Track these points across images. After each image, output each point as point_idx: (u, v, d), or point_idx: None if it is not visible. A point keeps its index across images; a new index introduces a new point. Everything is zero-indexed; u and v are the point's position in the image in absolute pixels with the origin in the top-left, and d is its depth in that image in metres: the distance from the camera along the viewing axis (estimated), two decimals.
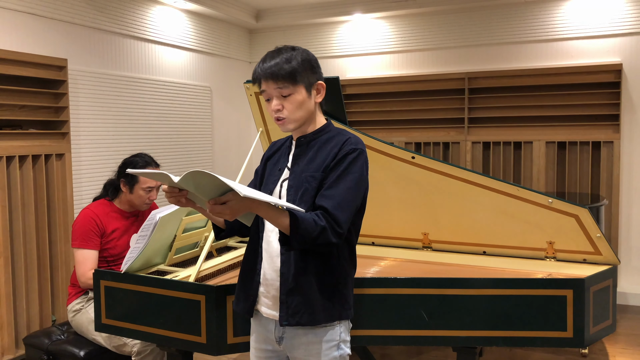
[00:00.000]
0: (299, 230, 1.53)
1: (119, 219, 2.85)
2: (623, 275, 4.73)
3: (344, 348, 1.73)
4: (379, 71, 5.54)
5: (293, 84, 1.64)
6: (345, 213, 1.59)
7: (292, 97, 1.65)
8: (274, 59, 1.64)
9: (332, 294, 1.68)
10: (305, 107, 1.68)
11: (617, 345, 3.82)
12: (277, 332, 1.73)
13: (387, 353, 3.70)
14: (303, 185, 1.65)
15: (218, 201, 1.49)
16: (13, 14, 3.57)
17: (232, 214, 1.51)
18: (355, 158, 1.64)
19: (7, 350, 3.37)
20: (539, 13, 4.91)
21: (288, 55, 1.64)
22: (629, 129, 4.68)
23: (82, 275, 2.71)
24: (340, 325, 1.72)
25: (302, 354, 1.71)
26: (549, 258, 2.70)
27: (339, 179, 1.62)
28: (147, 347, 2.59)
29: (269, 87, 1.65)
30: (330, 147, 1.67)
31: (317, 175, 1.64)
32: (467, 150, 5.09)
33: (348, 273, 1.73)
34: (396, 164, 2.80)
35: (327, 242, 1.56)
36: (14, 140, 3.42)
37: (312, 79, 1.68)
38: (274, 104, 1.66)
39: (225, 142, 5.66)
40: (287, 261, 1.66)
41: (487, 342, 2.26)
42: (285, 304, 1.66)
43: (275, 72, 1.62)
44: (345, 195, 1.60)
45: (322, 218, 1.56)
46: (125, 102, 4.42)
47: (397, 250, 3.00)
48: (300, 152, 1.72)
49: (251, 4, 5.49)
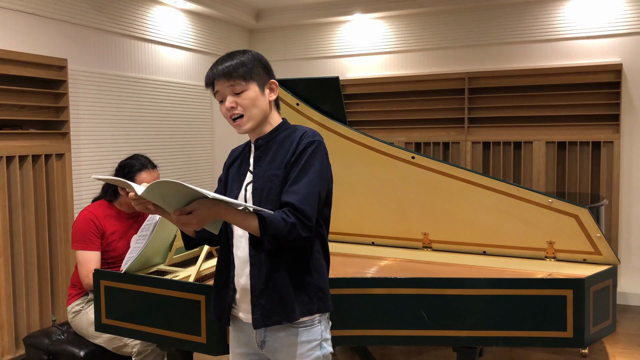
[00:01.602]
0: (268, 231, 1.53)
1: (118, 220, 2.82)
2: (623, 275, 4.73)
3: (326, 347, 1.73)
4: (379, 71, 5.54)
5: (246, 81, 1.65)
6: (312, 205, 1.60)
7: (245, 94, 1.65)
8: (226, 61, 1.66)
9: (308, 287, 1.68)
10: (260, 104, 1.68)
11: (617, 345, 3.82)
12: (258, 336, 1.73)
13: (387, 353, 3.70)
14: (267, 185, 1.66)
15: (184, 211, 1.49)
16: (13, 14, 3.57)
17: (199, 223, 1.52)
18: (314, 150, 1.65)
19: (7, 350, 3.37)
20: (539, 13, 4.91)
21: (239, 56, 1.67)
22: (629, 129, 4.68)
23: (86, 277, 2.67)
24: (320, 324, 1.72)
25: (284, 356, 1.70)
26: (549, 258, 2.70)
27: (301, 173, 1.62)
28: (147, 347, 2.59)
29: (222, 86, 1.66)
30: (288, 144, 1.68)
31: (280, 173, 1.65)
32: (467, 150, 5.09)
33: (322, 265, 1.73)
34: (396, 164, 2.80)
35: (298, 237, 1.57)
36: (14, 140, 3.42)
37: (264, 77, 1.70)
38: (228, 102, 1.66)
39: (225, 142, 5.66)
40: (257, 263, 1.66)
41: (487, 342, 2.26)
42: (259, 305, 1.66)
43: (227, 71, 1.64)
44: (310, 188, 1.61)
45: (289, 215, 1.56)
46: (125, 102, 4.42)
47: (397, 250, 3.00)
48: (261, 154, 1.73)
49: (251, 4, 5.49)
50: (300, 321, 1.68)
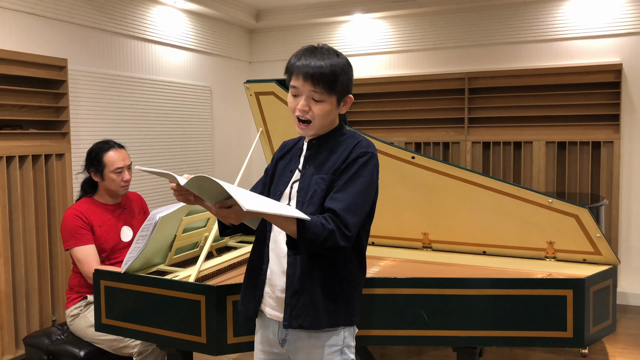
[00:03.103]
0: (306, 235, 1.51)
1: (103, 212, 2.81)
2: (623, 275, 4.73)
3: (348, 353, 1.70)
4: (379, 71, 5.54)
5: (329, 93, 1.62)
6: (355, 216, 1.58)
7: (322, 105, 1.62)
8: (318, 60, 1.60)
9: (338, 298, 1.65)
10: (331, 117, 1.67)
11: (617, 345, 3.82)
12: (280, 334, 1.72)
13: (387, 353, 3.70)
14: (312, 187, 1.64)
15: (224, 205, 1.49)
16: (13, 14, 3.57)
17: (237, 218, 1.51)
18: (366, 162, 1.63)
19: (7, 350, 3.37)
20: (539, 13, 4.91)
21: (333, 62, 1.61)
22: (629, 129, 4.68)
23: (89, 272, 2.63)
24: (344, 330, 1.69)
25: (304, 357, 1.69)
26: (549, 258, 2.70)
27: (349, 182, 1.60)
28: (147, 348, 2.59)
29: (304, 87, 1.61)
30: (341, 150, 1.66)
31: (327, 178, 1.63)
32: (467, 150, 5.09)
33: (356, 278, 1.70)
34: (396, 164, 2.80)
35: (335, 245, 1.54)
36: (14, 140, 3.42)
37: (344, 91, 1.67)
38: (302, 104, 1.63)
39: (225, 142, 5.66)
40: (294, 263, 1.65)
41: (487, 342, 2.26)
42: (290, 305, 1.65)
43: (317, 75, 1.58)
44: (355, 199, 1.58)
45: (330, 221, 1.54)
46: (125, 102, 4.42)
47: (397, 250, 3.00)
48: (312, 155, 1.71)
49: (251, 4, 5.49)
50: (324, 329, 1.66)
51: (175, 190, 1.59)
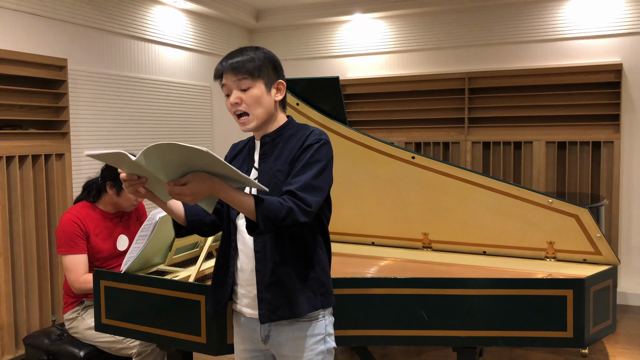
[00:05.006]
0: (264, 211, 1.50)
1: (102, 221, 2.77)
2: (623, 275, 4.73)
3: (330, 341, 1.75)
4: (379, 71, 5.54)
5: (253, 78, 1.64)
6: (313, 195, 1.59)
7: (250, 91, 1.65)
8: (236, 56, 1.66)
9: (312, 283, 1.69)
10: (264, 103, 1.67)
11: (617, 345, 3.82)
12: (262, 331, 1.74)
13: (387, 353, 3.70)
14: (272, 181, 1.65)
15: (178, 182, 1.45)
16: (13, 14, 3.57)
17: (192, 196, 1.46)
18: (319, 147, 1.64)
19: (7, 350, 3.37)
20: (539, 13, 4.91)
21: (251, 52, 1.67)
22: (629, 129, 4.68)
23: (75, 282, 2.64)
24: (324, 318, 1.73)
25: (289, 350, 1.72)
26: (549, 258, 2.70)
27: (304, 168, 1.62)
28: (147, 348, 2.59)
29: (229, 80, 1.66)
30: (295, 140, 1.68)
31: (285, 169, 1.65)
32: (467, 150, 5.09)
33: (325, 260, 1.74)
34: (396, 164, 2.80)
35: (296, 222, 1.54)
36: (14, 140, 3.42)
37: (272, 76, 1.69)
38: (233, 97, 1.66)
39: (225, 142, 5.65)
40: (263, 257, 1.66)
41: (487, 342, 2.26)
42: (265, 300, 1.66)
43: (235, 66, 1.64)
44: (311, 181, 1.60)
45: (287, 200, 1.55)
46: (125, 102, 4.42)
47: (397, 250, 3.00)
48: (267, 151, 1.72)
49: (251, 4, 5.49)
50: (305, 316, 1.69)
51: (125, 180, 1.55)
